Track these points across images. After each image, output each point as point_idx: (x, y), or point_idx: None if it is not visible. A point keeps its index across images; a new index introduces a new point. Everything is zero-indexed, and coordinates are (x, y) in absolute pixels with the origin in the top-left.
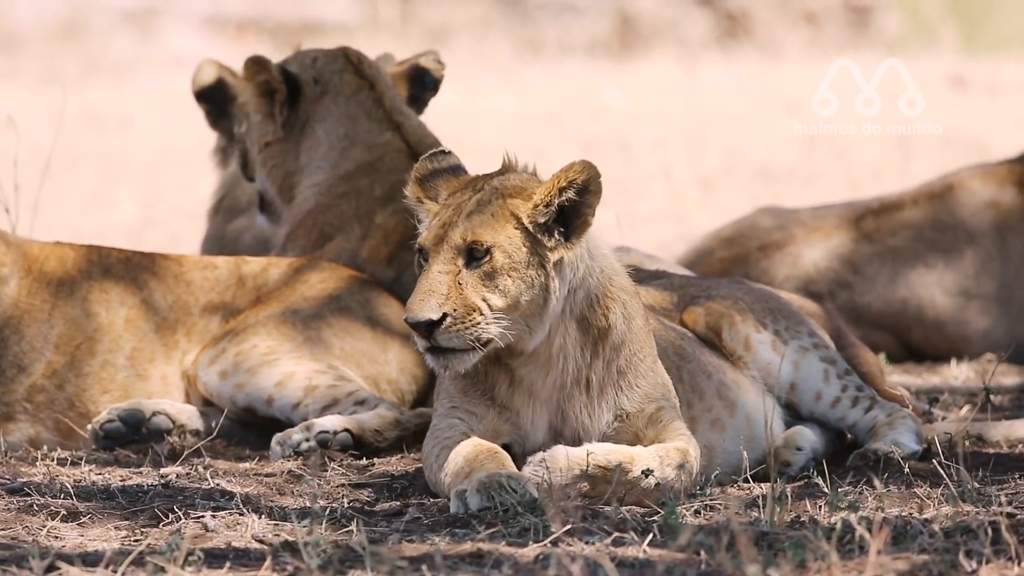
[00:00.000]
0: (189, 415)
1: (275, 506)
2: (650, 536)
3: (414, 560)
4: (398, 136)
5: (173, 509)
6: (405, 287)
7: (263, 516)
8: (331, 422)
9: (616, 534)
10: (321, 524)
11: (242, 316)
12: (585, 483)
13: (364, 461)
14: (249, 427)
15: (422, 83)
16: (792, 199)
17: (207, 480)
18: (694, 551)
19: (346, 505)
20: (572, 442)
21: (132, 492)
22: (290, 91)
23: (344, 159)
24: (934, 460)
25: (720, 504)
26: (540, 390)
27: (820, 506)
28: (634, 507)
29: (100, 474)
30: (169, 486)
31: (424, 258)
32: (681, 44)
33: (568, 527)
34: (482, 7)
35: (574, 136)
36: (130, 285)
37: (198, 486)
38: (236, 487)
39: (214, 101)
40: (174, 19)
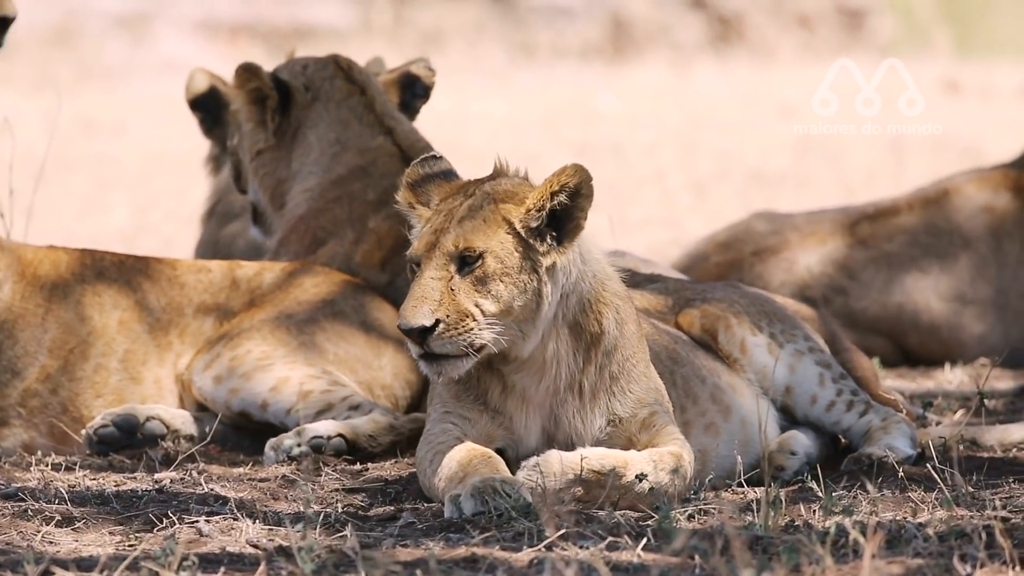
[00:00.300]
0: (183, 420)
1: (269, 511)
2: (644, 540)
3: (408, 565)
4: (390, 140)
5: (167, 514)
6: (399, 291)
7: (257, 521)
8: (325, 427)
9: (610, 538)
10: (315, 529)
11: (236, 320)
12: (579, 487)
13: (358, 466)
14: (243, 432)
15: (413, 90)
16: (785, 203)
17: (201, 485)
18: (688, 555)
19: (340, 510)
20: (565, 447)
21: (126, 497)
22: (281, 98)
23: (336, 164)
24: (928, 464)
25: (714, 508)
26: (533, 395)
27: (814, 510)
28: (628, 511)
29: (94, 479)
30: (163, 491)
31: (416, 265)
32: (674, 48)
33: (562, 532)
34: (475, 11)
35: (567, 140)
36: (123, 288)
37: (192, 491)
38: (230, 492)
39: (208, 109)
40: (167, 24)
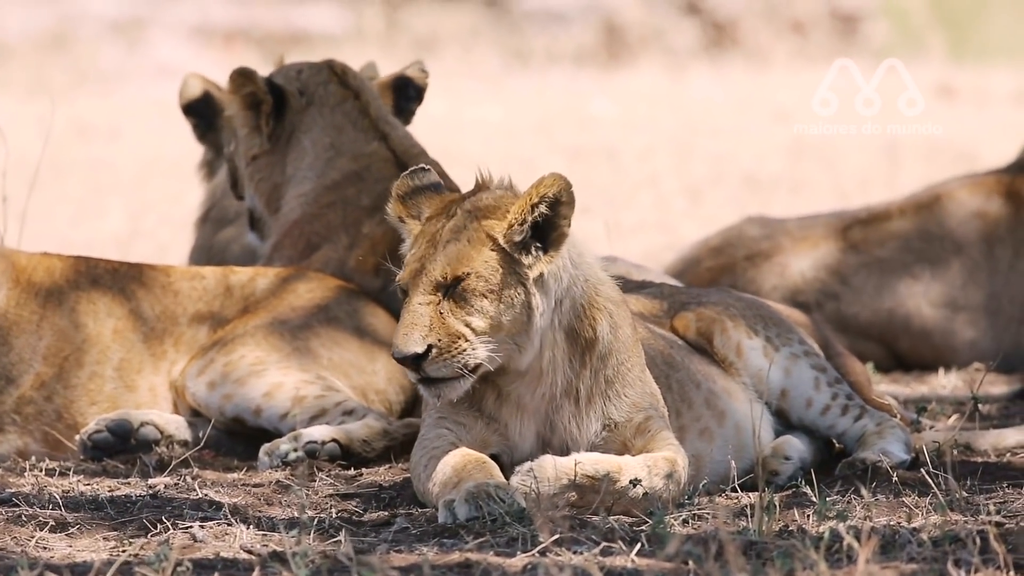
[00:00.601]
0: (177, 425)
1: (263, 516)
2: (638, 546)
3: (402, 570)
4: (384, 146)
5: (161, 519)
6: (392, 296)
7: (251, 526)
8: (319, 432)
9: (604, 544)
10: (309, 534)
11: (230, 326)
12: (573, 493)
13: (352, 471)
14: (237, 437)
15: (406, 92)
16: (779, 208)
17: (195, 490)
18: (682, 560)
19: (334, 515)
20: (560, 452)
21: (120, 502)
22: (276, 103)
23: (330, 169)
24: (922, 469)
25: (708, 513)
26: (528, 403)
27: (808, 515)
28: (622, 517)
29: (88, 485)
30: (157, 496)
31: (404, 292)
32: (668, 53)
33: (556, 537)
34: (469, 16)
35: (561, 145)
36: (118, 295)
37: (186, 496)
38: (224, 497)
39: (201, 115)
40: (162, 29)
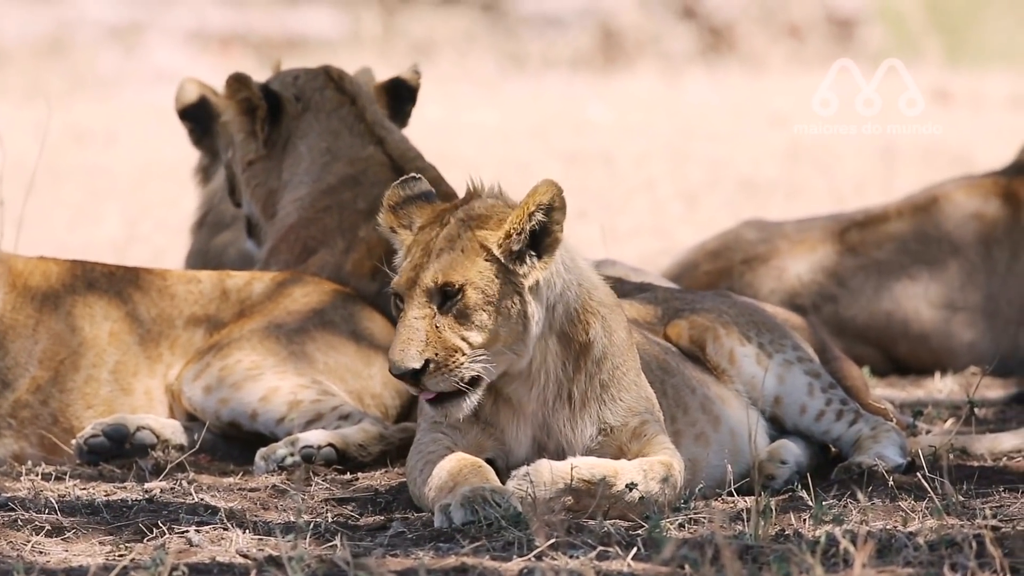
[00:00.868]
0: (173, 430)
1: (259, 521)
2: (634, 550)
3: (398, 574)
4: (381, 150)
5: (157, 524)
6: (389, 301)
7: (247, 531)
8: (315, 437)
9: (600, 548)
10: (305, 539)
11: (226, 330)
12: (569, 497)
13: (348, 476)
14: (233, 442)
15: (399, 94)
16: (776, 212)
17: (191, 495)
18: (678, 565)
19: (330, 520)
20: (556, 456)
21: (116, 507)
22: (271, 108)
23: (327, 173)
24: (918, 473)
25: (704, 518)
26: (525, 406)
27: (804, 519)
28: (618, 521)
29: (84, 489)
30: (153, 501)
31: (400, 301)
32: (664, 58)
33: (552, 541)
34: (465, 21)
35: (557, 150)
36: (114, 299)
37: (182, 501)
38: (220, 502)
39: (197, 119)
40: (159, 35)
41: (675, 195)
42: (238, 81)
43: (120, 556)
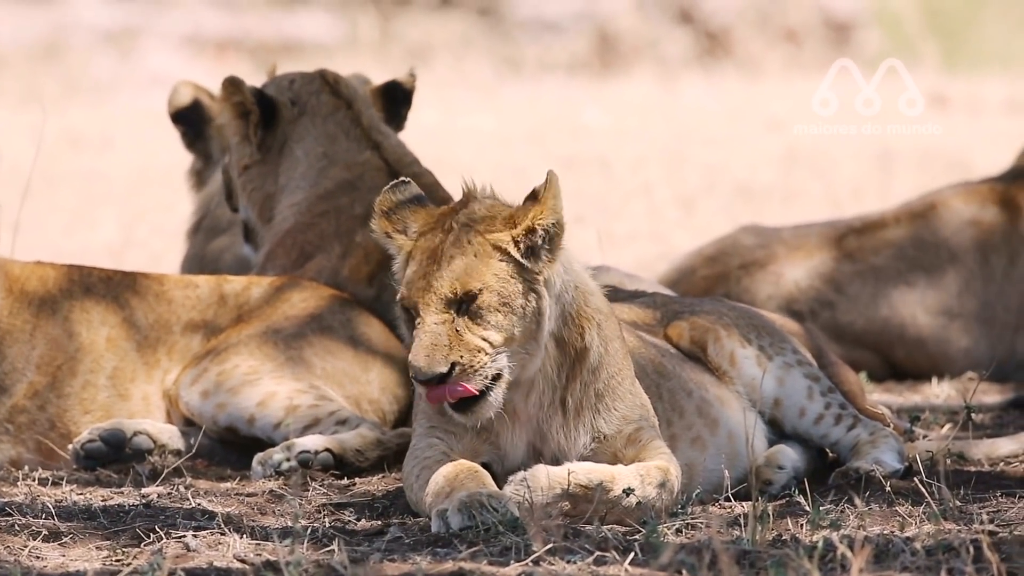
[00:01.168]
0: (170, 435)
1: (256, 526)
2: (632, 555)
3: None
4: (377, 155)
5: (154, 529)
6: (386, 306)
7: (245, 536)
8: (312, 442)
9: (597, 553)
10: (302, 544)
11: (223, 335)
12: (566, 502)
13: (345, 481)
14: (230, 447)
15: (394, 96)
16: (772, 217)
17: (188, 500)
18: (676, 570)
19: (327, 525)
20: (551, 462)
21: (113, 512)
22: (266, 113)
23: (323, 178)
24: (916, 478)
25: (702, 522)
26: (520, 411)
27: (802, 524)
28: (615, 526)
29: (81, 494)
30: (150, 506)
31: (411, 310)
32: (661, 62)
33: (549, 546)
34: (462, 26)
35: (554, 155)
36: (111, 304)
37: (179, 506)
38: (217, 507)
39: (190, 123)
40: (154, 39)
41: (672, 200)
42: (232, 85)
43: (117, 561)
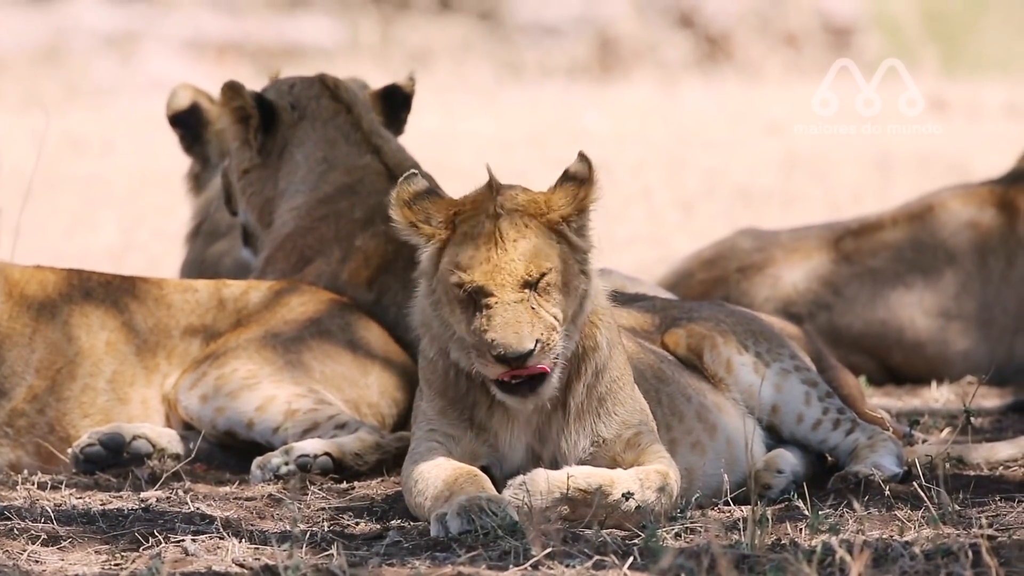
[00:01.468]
0: (169, 439)
1: (255, 530)
2: (631, 559)
3: None
4: (377, 159)
5: (153, 533)
6: (385, 310)
7: (243, 540)
8: (311, 446)
9: (597, 557)
10: (301, 548)
11: (223, 339)
12: (565, 506)
13: (344, 485)
14: (229, 451)
15: (394, 100)
16: (772, 221)
17: (187, 504)
18: (675, 574)
19: (326, 529)
20: (550, 465)
21: (112, 516)
22: (266, 117)
23: (323, 182)
24: (915, 483)
25: (701, 527)
26: (520, 411)
27: (801, 529)
28: (615, 530)
29: (80, 498)
30: (149, 510)
31: (475, 292)
32: (661, 67)
33: (549, 550)
34: (462, 30)
35: (554, 159)
36: (111, 308)
37: (178, 510)
38: (216, 511)
39: (188, 126)
40: (155, 43)
41: (671, 204)
42: (232, 89)
43: (116, 565)
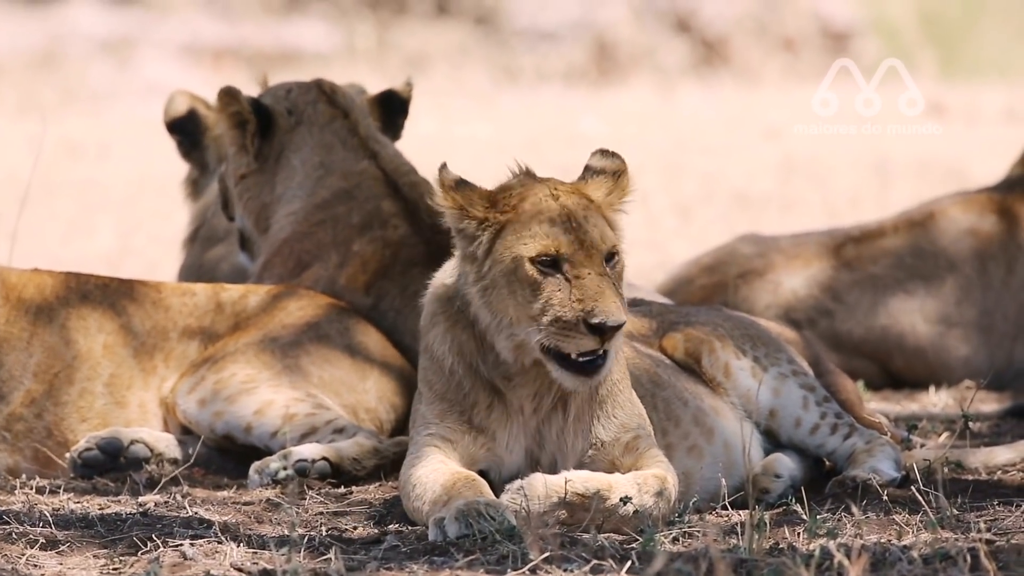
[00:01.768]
0: (167, 443)
1: (253, 534)
2: (628, 563)
3: None
4: (374, 164)
5: (152, 537)
6: (383, 315)
7: (241, 544)
8: (309, 450)
9: (594, 562)
10: (299, 552)
11: (221, 343)
12: (563, 511)
13: (342, 489)
14: (227, 455)
15: (392, 107)
16: (770, 226)
17: (185, 508)
18: None
19: (324, 533)
20: (548, 468)
21: (110, 520)
22: (263, 122)
23: (320, 187)
24: (913, 487)
25: (698, 531)
26: (524, 407)
27: (799, 533)
28: (612, 534)
29: (78, 502)
30: (147, 514)
31: (558, 265)
32: (658, 71)
33: (546, 555)
34: (459, 34)
35: (551, 163)
36: (108, 311)
37: (176, 514)
38: (214, 515)
39: (186, 132)
40: (151, 48)
41: (669, 209)
42: (228, 95)
43: (114, 570)
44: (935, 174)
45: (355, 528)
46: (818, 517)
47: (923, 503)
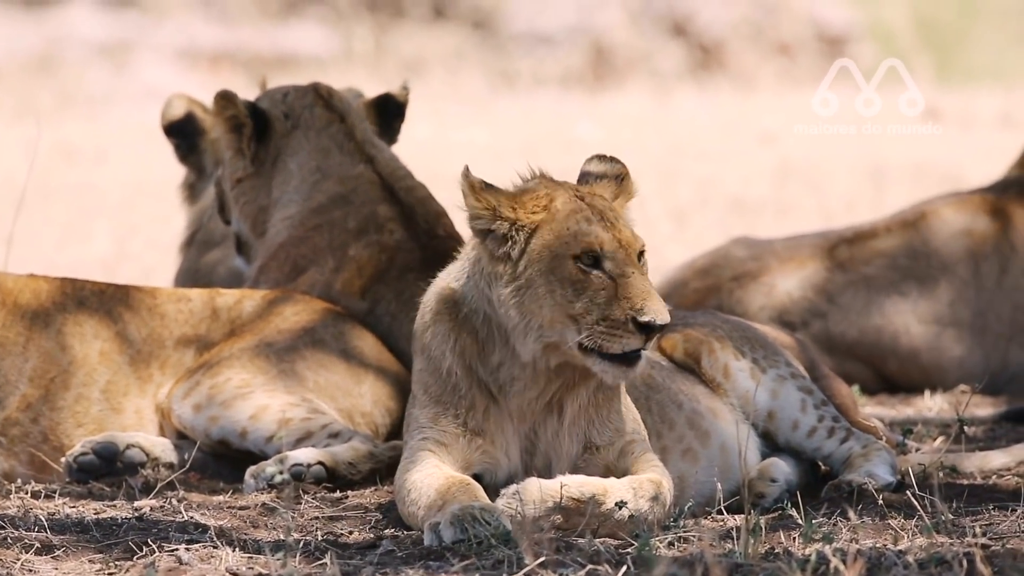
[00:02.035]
0: (163, 448)
1: (249, 539)
2: (624, 568)
3: None
4: (371, 168)
5: (147, 542)
6: (378, 319)
7: (237, 549)
8: (305, 455)
9: (590, 566)
10: (295, 557)
11: (216, 349)
12: (558, 515)
13: (338, 494)
14: (223, 460)
15: (387, 109)
16: (766, 231)
17: (181, 513)
18: None
19: (320, 538)
20: (543, 471)
21: (106, 525)
22: (259, 126)
23: (316, 192)
24: (908, 491)
25: (694, 536)
26: (522, 408)
27: (794, 538)
28: (608, 539)
29: (74, 507)
30: (143, 519)
31: (599, 264)
32: (655, 76)
33: (542, 559)
34: (456, 39)
35: (548, 168)
36: (104, 318)
37: (172, 519)
38: (210, 520)
39: (183, 135)
40: (148, 52)
41: (665, 213)
42: (225, 99)
43: (110, 574)
44: (931, 179)
45: (351, 533)
46: (814, 522)
47: (919, 508)
